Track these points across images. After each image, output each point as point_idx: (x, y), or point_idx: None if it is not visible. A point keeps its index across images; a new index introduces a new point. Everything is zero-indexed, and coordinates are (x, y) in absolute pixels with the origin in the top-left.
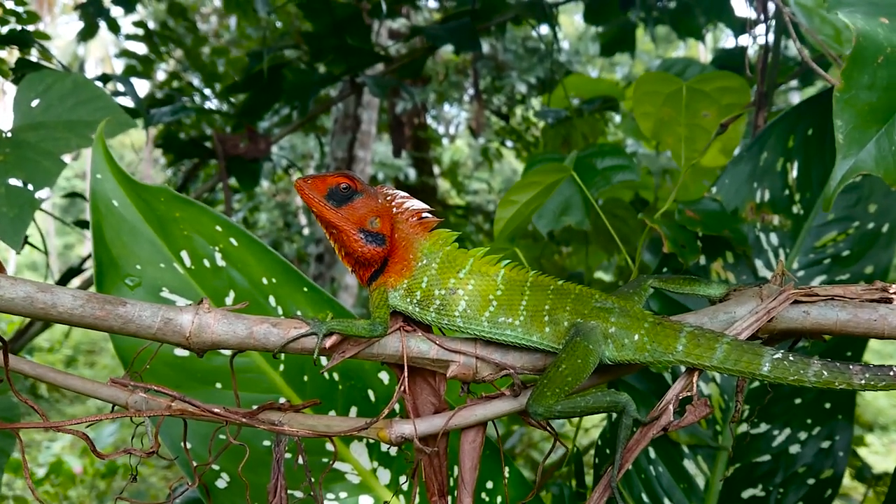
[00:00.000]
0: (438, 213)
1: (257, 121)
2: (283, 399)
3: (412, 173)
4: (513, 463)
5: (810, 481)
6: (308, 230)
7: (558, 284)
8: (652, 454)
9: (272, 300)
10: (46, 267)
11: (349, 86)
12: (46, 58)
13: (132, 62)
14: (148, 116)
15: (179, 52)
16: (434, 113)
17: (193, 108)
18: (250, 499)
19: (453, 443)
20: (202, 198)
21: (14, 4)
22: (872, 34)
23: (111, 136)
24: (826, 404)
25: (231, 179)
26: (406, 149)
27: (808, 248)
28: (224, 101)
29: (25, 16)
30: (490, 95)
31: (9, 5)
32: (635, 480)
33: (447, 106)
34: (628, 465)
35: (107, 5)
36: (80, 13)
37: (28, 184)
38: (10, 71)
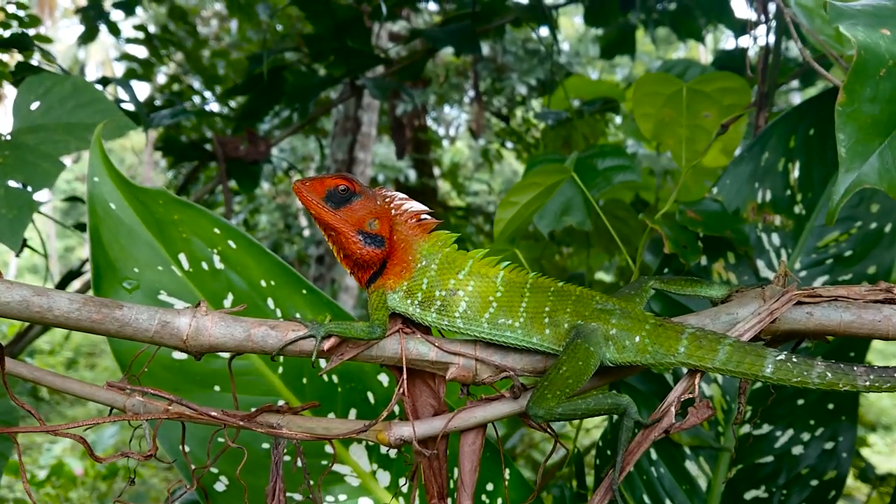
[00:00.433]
0: (438, 215)
1: (257, 123)
2: (282, 401)
3: (412, 175)
4: (513, 464)
5: (813, 483)
6: (308, 232)
7: (558, 286)
8: (654, 455)
9: (271, 302)
10: (46, 270)
11: (349, 88)
12: (48, 61)
13: (133, 65)
14: (147, 119)
15: (180, 56)
16: (434, 115)
17: (193, 111)
18: (249, 502)
19: (453, 445)
20: (202, 200)
21: (15, 8)
22: (874, 46)
23: (110, 139)
24: (829, 405)
25: (231, 182)
26: (407, 151)
27: (811, 249)
28: (224, 105)
29: (27, 20)
30: (490, 97)
31: (10, 9)
32: (637, 482)
33: (447, 108)
34: (629, 468)
35: (107, 9)
36: (81, 17)
37: (27, 185)
38: (11, 74)
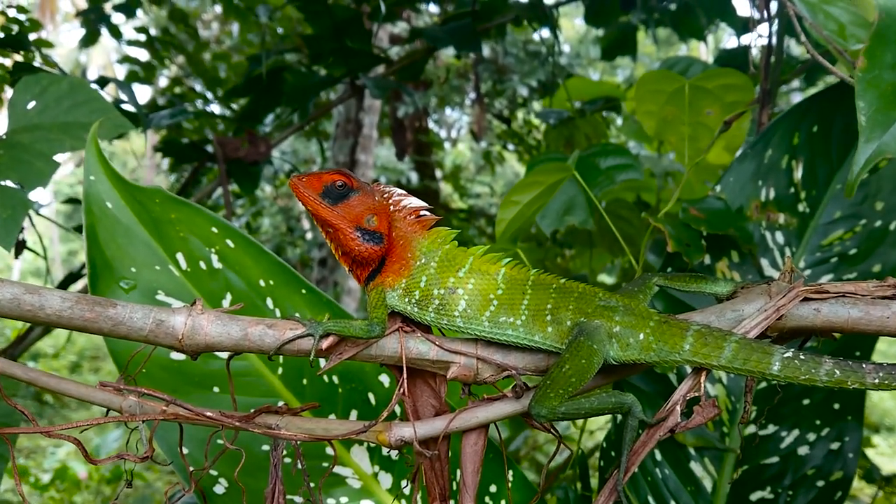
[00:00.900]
0: (438, 212)
1: (257, 125)
2: (282, 402)
3: (414, 177)
4: (517, 466)
5: (820, 483)
6: (311, 234)
7: (560, 283)
8: (658, 456)
9: (270, 302)
10: (46, 272)
11: (349, 88)
12: (50, 65)
13: (134, 68)
14: (146, 119)
15: (181, 59)
16: (435, 117)
17: (193, 112)
18: None
19: (455, 446)
20: (203, 202)
21: (17, 12)
22: None
23: (107, 139)
24: (835, 405)
25: (233, 186)
26: (408, 152)
27: (815, 247)
28: (225, 107)
29: (28, 24)
30: (491, 99)
31: (11, 13)
32: (641, 483)
33: (448, 110)
34: (634, 468)
35: (108, 11)
36: (82, 20)
37: (21, 185)
38: (9, 75)
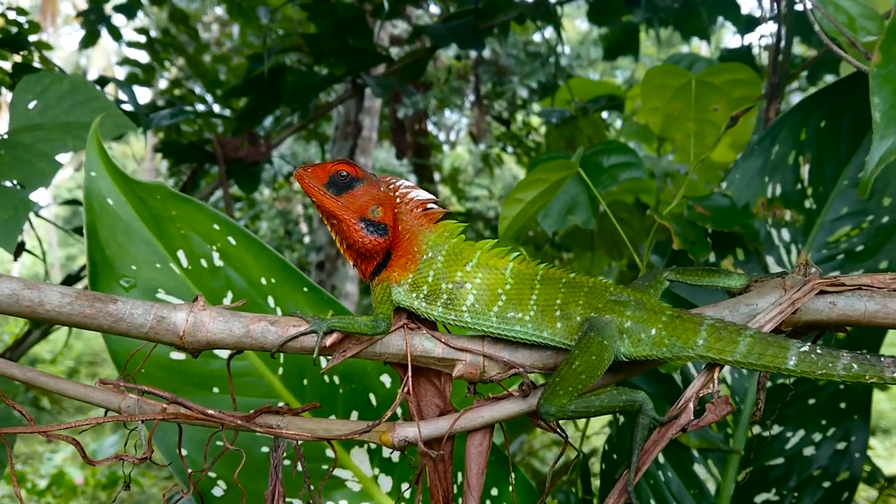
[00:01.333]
0: (445, 205)
1: (257, 125)
2: (282, 403)
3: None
4: (518, 469)
5: (826, 484)
6: (309, 238)
7: (570, 277)
8: (661, 459)
9: (271, 301)
10: (45, 274)
11: (351, 87)
12: (49, 67)
13: (134, 70)
14: (147, 119)
15: (182, 61)
16: (435, 119)
17: (193, 112)
18: None
19: (458, 447)
20: None
21: (16, 15)
22: None
23: (109, 138)
24: (841, 404)
25: (233, 188)
26: (407, 155)
27: (821, 244)
28: (225, 108)
29: (27, 26)
30: (491, 101)
31: (11, 16)
32: (644, 486)
33: (448, 112)
34: (645, 468)
35: (108, 12)
36: (82, 21)
37: (22, 185)
38: (9, 77)
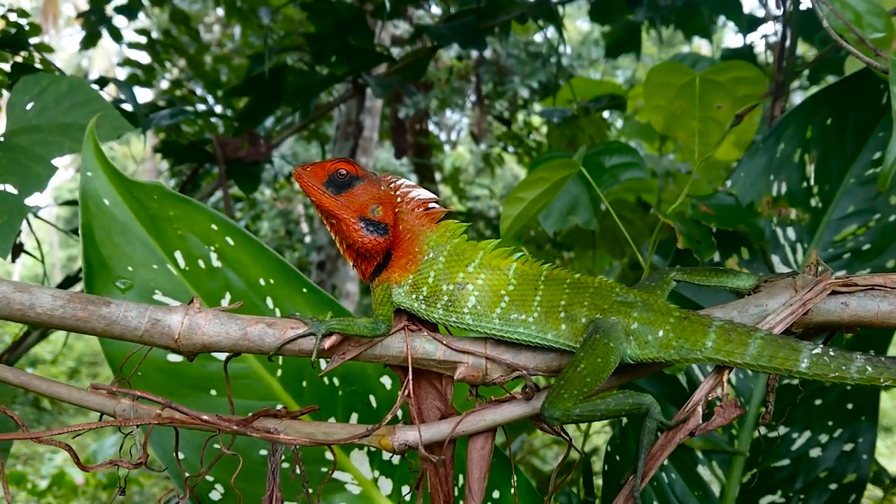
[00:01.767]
0: (447, 204)
1: (258, 125)
2: (281, 406)
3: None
4: (520, 471)
5: (832, 486)
6: (309, 238)
7: (575, 278)
8: (664, 461)
9: (270, 302)
10: (44, 276)
11: (352, 87)
12: (49, 69)
13: (135, 71)
14: (146, 120)
15: (182, 62)
16: (436, 119)
17: (193, 112)
18: None
19: (460, 450)
20: None
21: (17, 17)
22: None
23: (107, 140)
24: (848, 405)
25: (234, 188)
26: (408, 155)
27: (827, 243)
28: (226, 108)
29: (28, 28)
30: (492, 101)
31: (12, 17)
32: (647, 488)
33: (449, 112)
34: (652, 473)
35: (109, 13)
36: (83, 22)
37: (19, 189)
38: (7, 78)
